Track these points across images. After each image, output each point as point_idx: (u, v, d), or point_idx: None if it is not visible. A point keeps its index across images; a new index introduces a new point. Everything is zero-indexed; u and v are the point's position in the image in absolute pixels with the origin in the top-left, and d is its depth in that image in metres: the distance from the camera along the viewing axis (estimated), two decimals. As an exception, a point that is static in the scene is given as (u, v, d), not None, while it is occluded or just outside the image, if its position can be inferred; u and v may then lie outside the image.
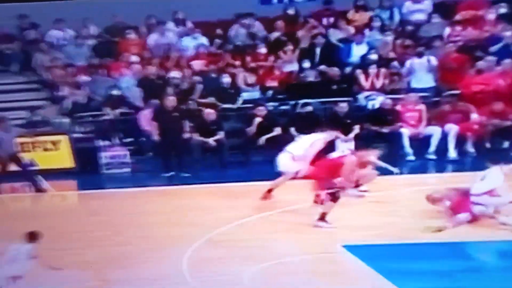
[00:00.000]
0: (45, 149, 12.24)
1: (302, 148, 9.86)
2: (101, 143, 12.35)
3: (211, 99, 12.81)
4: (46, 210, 10.54)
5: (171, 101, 12.15)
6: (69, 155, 12.24)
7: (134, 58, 13.35)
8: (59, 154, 12.25)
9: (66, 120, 12.73)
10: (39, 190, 11.16)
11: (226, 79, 13.02)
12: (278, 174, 11.36)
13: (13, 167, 11.27)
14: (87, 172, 12.11)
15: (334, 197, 8.85)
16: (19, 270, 6.97)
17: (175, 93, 12.52)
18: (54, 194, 11.37)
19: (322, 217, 8.93)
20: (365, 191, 9.57)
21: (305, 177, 9.46)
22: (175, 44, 13.71)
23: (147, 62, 13.34)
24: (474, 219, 8.79)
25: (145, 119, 12.37)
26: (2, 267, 6.99)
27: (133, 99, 12.96)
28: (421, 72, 12.93)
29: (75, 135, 12.52)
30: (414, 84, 12.97)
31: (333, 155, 9.27)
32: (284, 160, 9.89)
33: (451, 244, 8.48)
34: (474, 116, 12.12)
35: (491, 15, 13.45)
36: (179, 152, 12.11)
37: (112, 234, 9.09)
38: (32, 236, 7.12)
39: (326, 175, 8.92)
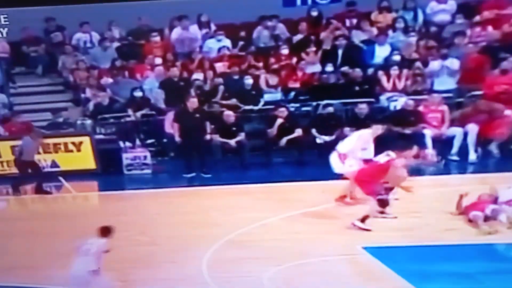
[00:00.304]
0: (67, 151, 12.35)
1: (348, 145, 9.73)
2: (123, 144, 12.43)
3: (233, 101, 12.83)
4: (67, 211, 10.61)
5: (193, 102, 12.19)
6: (91, 157, 12.34)
7: (158, 60, 13.41)
8: (81, 155, 12.33)
9: (89, 121, 12.83)
10: (43, 192, 11.17)
11: (248, 81, 13.02)
12: (300, 175, 11.41)
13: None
14: (108, 173, 12.18)
15: (383, 203, 8.75)
16: (93, 264, 7.05)
17: (197, 95, 12.56)
18: (76, 195, 11.46)
19: (364, 220, 8.86)
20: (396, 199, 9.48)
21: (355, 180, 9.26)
22: (198, 39, 13.71)
23: (170, 64, 13.40)
24: (486, 219, 8.81)
25: (169, 121, 12.43)
26: (77, 262, 7.07)
27: (155, 100, 13.04)
28: (444, 74, 12.82)
29: (97, 137, 12.61)
30: (437, 86, 12.84)
31: (379, 159, 9.14)
32: (334, 160, 9.75)
33: (473, 245, 8.41)
34: (508, 112, 11.92)
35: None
36: (201, 153, 12.13)
37: (133, 235, 9.11)
38: (105, 231, 7.22)
39: (373, 178, 8.81)
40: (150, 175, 12.22)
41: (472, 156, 11.91)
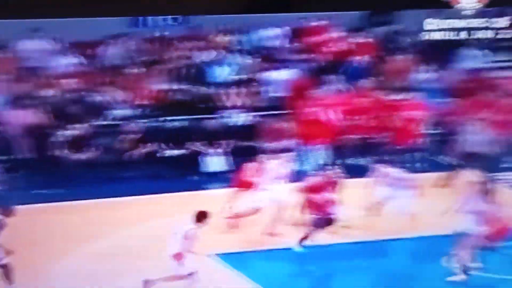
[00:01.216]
0: None
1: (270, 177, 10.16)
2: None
3: (84, 116, 13.14)
4: None
5: (42, 118, 12.34)
6: None
7: (5, 76, 13.30)
8: None
9: None
10: None
11: (98, 97, 13.42)
12: (151, 188, 11.95)
13: None
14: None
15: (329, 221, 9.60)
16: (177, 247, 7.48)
17: (46, 111, 12.70)
18: None
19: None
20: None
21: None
22: (48, 53, 13.77)
23: (18, 80, 13.36)
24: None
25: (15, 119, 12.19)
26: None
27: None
28: (277, 88, 14.13)
29: None
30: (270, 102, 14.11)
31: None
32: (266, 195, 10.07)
33: (318, 247, 9.30)
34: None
35: (336, 40, 14.98)
36: (51, 169, 12.29)
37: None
38: (201, 216, 7.67)
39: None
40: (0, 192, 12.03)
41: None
